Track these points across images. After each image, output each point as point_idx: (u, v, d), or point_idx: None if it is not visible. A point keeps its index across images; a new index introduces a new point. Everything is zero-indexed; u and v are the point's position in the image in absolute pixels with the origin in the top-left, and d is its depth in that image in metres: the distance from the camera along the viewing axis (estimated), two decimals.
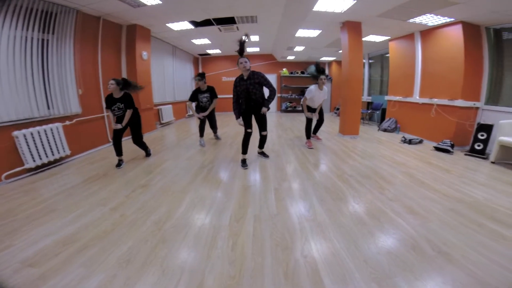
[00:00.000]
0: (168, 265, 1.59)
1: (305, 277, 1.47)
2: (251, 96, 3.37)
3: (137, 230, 2.02)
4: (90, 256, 1.70)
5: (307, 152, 4.21)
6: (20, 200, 2.59)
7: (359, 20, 4.63)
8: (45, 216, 2.25)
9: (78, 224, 2.11)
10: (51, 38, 3.66)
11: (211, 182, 3.00)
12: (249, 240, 1.84)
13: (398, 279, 1.44)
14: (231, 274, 1.50)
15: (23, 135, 3.20)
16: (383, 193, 2.63)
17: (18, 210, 2.38)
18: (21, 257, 1.68)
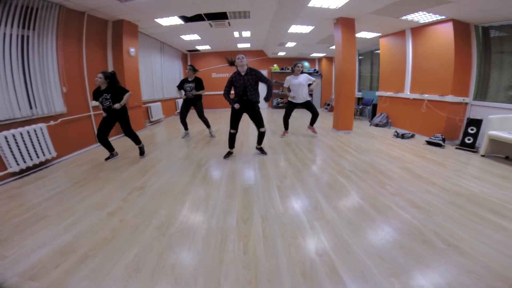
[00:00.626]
0: (179, 273, 1.51)
1: (324, 276, 1.45)
2: (247, 93, 3.31)
3: (140, 236, 1.92)
4: (94, 267, 1.59)
5: (305, 148, 4.21)
6: (6, 207, 2.41)
7: (353, 17, 4.66)
8: (36, 224, 2.09)
9: (74, 232, 1.98)
10: (31, 34, 3.41)
11: (211, 182, 2.93)
12: (260, 242, 1.80)
13: (415, 272, 1.46)
14: (247, 279, 1.44)
15: (4, 137, 2.96)
16: (385, 188, 2.67)
17: (5, 218, 2.20)
18: (19, 270, 1.55)
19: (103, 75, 3.38)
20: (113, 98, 3.46)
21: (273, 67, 10.12)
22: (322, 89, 10.50)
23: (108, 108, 3.49)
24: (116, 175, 3.17)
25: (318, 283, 1.39)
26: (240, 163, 3.53)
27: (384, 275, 1.43)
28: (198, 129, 6.00)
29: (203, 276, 1.47)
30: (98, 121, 4.59)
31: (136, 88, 5.52)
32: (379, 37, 5.78)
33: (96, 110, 4.61)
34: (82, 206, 2.40)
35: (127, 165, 3.55)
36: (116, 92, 3.49)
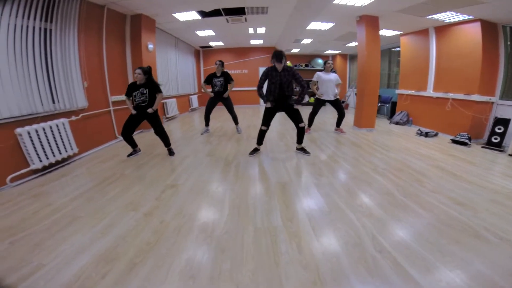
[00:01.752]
0: (239, 279, 1.35)
1: (390, 271, 1.37)
2: (283, 90, 3.08)
3: (186, 239, 1.72)
4: (145, 275, 1.39)
5: (331, 145, 4.01)
6: (33, 207, 2.19)
7: (377, 15, 4.45)
8: (69, 227, 1.88)
9: (112, 236, 1.77)
10: (54, 27, 3.17)
11: (244, 179, 2.72)
12: (313, 240, 1.67)
13: (478, 265, 1.42)
14: (310, 279, 1.32)
15: (27, 132, 2.74)
16: (423, 185, 2.52)
17: (34, 219, 1.99)
18: (62, 281, 1.34)
19: (141, 70, 3.19)
20: (150, 94, 3.27)
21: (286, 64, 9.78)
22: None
23: (140, 104, 3.28)
24: (143, 173, 2.95)
25: (386, 279, 1.32)
26: (268, 160, 3.33)
27: (448, 268, 1.39)
28: (216, 126, 5.76)
29: (263, 280, 1.34)
30: (117, 117, 4.40)
31: None
32: (400, 35, 5.56)
33: (116, 106, 4.38)
34: (114, 206, 2.18)
35: (151, 162, 3.33)
36: (152, 88, 3.29)
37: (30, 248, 1.62)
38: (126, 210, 2.11)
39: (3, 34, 2.59)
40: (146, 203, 2.22)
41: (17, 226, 1.89)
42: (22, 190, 2.55)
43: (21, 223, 1.93)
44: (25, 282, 1.34)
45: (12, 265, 1.47)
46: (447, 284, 1.28)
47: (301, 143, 3.52)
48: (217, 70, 4.59)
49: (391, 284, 1.28)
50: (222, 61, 4.67)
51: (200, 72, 9.73)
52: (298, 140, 3.49)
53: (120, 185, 2.62)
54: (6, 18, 2.61)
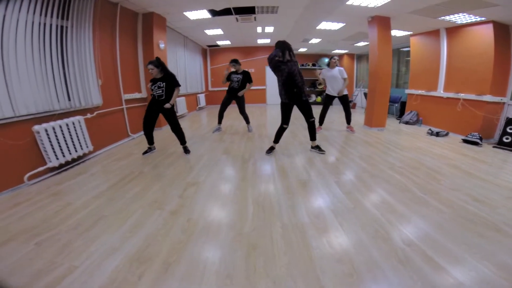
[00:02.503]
0: (275, 275, 1.32)
1: (421, 262, 1.39)
2: (295, 80, 3.00)
3: (216, 237, 1.66)
4: (181, 275, 1.33)
5: (344, 144, 3.93)
6: (54, 206, 2.10)
7: (389, 15, 4.38)
8: (95, 226, 1.80)
9: (141, 235, 1.69)
10: (69, 25, 3.07)
11: (264, 177, 2.65)
12: (342, 235, 1.67)
13: (504, 256, 1.44)
14: (346, 272, 1.33)
15: (44, 130, 2.65)
16: (441, 183, 2.49)
17: (57, 219, 1.90)
18: (98, 284, 1.27)
19: (153, 65, 3.09)
20: (167, 88, 3.19)
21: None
22: None
23: (157, 98, 3.20)
24: (161, 171, 2.87)
25: (418, 269, 1.34)
26: (285, 158, 3.25)
27: (476, 259, 1.41)
28: (227, 124, 5.65)
29: (299, 275, 1.32)
30: (130, 115, 4.31)
31: None
32: (410, 36, 5.49)
33: (129, 104, 4.28)
34: (139, 204, 2.10)
35: (167, 160, 3.25)
36: (170, 82, 3.19)
37: (58, 249, 1.54)
38: (151, 208, 2.04)
39: (21, 30, 2.49)
40: (170, 201, 2.15)
41: (40, 226, 1.81)
42: (40, 189, 2.46)
43: (44, 222, 1.85)
44: (59, 286, 1.26)
45: (42, 268, 1.39)
46: (477, 274, 1.31)
47: (314, 139, 3.45)
48: (236, 68, 4.57)
49: (424, 274, 1.30)
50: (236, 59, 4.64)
51: (207, 71, 9.61)
52: (311, 136, 3.43)
53: (140, 183, 2.54)
54: (24, 15, 2.51)
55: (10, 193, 2.37)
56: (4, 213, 2.00)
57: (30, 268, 1.39)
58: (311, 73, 9.83)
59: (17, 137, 2.47)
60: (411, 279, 1.27)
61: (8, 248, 1.55)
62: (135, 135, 4.46)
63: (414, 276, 1.28)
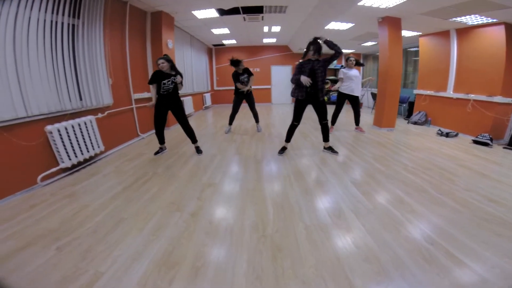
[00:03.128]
0: (303, 275, 1.32)
1: (445, 260, 1.42)
2: (317, 80, 2.94)
3: (240, 240, 1.63)
4: (211, 279, 1.31)
5: (356, 145, 3.88)
6: (71, 208, 2.05)
7: (400, 16, 4.32)
8: (115, 229, 1.75)
9: (165, 238, 1.64)
10: (80, 23, 2.99)
11: (280, 178, 2.60)
12: (365, 236, 1.66)
13: None
14: (374, 270, 1.35)
15: (57, 130, 2.59)
16: (455, 184, 2.48)
17: (76, 222, 1.85)
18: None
19: (164, 59, 3.02)
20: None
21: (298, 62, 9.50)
22: None
23: (165, 93, 3.12)
24: (175, 171, 2.81)
25: (443, 267, 1.37)
26: (298, 159, 3.20)
27: (498, 256, 1.44)
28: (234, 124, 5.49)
29: (328, 275, 1.33)
30: (139, 115, 4.24)
31: None
32: (419, 36, 5.42)
33: (138, 103, 4.22)
34: (157, 206, 2.05)
35: (180, 160, 3.19)
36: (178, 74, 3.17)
37: (81, 255, 1.49)
38: (171, 210, 1.99)
39: (33, 28, 2.42)
40: (189, 203, 2.10)
41: (59, 229, 1.76)
42: (53, 190, 2.41)
43: (62, 226, 1.80)
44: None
45: (67, 274, 1.34)
46: (501, 270, 1.33)
47: (327, 140, 3.39)
48: (238, 69, 4.45)
49: (449, 271, 1.33)
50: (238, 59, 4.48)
51: (213, 70, 9.52)
52: (324, 137, 3.37)
53: (155, 184, 2.48)
54: (36, 13, 2.44)
55: (24, 194, 2.32)
56: (20, 215, 1.95)
57: (55, 275, 1.34)
58: None
59: (30, 138, 2.41)
60: (438, 276, 1.30)
61: (28, 254, 1.50)
62: (145, 134, 4.41)
63: (440, 273, 1.31)
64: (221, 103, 9.70)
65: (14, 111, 2.24)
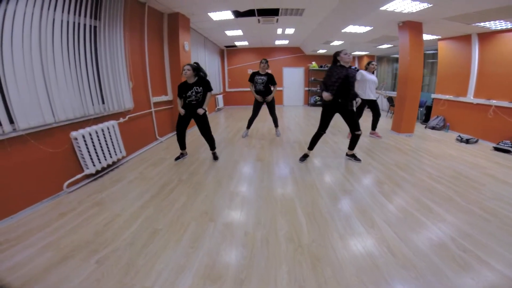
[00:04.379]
0: (346, 283, 1.36)
1: (478, 266, 1.47)
2: (350, 88, 2.86)
3: (278, 250, 1.63)
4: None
5: (377, 151, 3.83)
6: (102, 218, 2.04)
7: (421, 21, 4.27)
8: (152, 241, 1.73)
9: (204, 250, 1.63)
10: (101, 24, 2.97)
11: (307, 187, 2.57)
12: (401, 244, 1.68)
13: None
14: (412, 276, 1.40)
15: (81, 136, 2.58)
16: (481, 192, 2.46)
17: (110, 233, 1.84)
18: None
19: (190, 67, 2.97)
20: (204, 92, 3.09)
21: (311, 64, 9.43)
22: None
23: (191, 102, 3.06)
24: (200, 179, 2.79)
25: (477, 272, 1.42)
26: (321, 166, 3.18)
27: None
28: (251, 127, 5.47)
29: (370, 282, 1.36)
30: (158, 119, 4.24)
31: None
32: (438, 40, 5.35)
33: (157, 107, 4.21)
34: (190, 216, 2.04)
35: (202, 167, 3.17)
36: (205, 86, 3.08)
37: (123, 269, 1.47)
38: (204, 220, 1.97)
39: (57, 30, 2.39)
40: (221, 212, 2.09)
41: (94, 241, 1.74)
42: (80, 197, 2.41)
43: (98, 237, 1.79)
44: None
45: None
46: None
47: (353, 149, 3.34)
48: (261, 69, 4.30)
49: (483, 276, 1.39)
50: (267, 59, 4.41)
51: (225, 71, 9.52)
52: (351, 145, 3.30)
53: (183, 192, 2.46)
54: (59, 14, 2.41)
55: (51, 201, 2.33)
56: (51, 225, 1.95)
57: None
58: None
59: (56, 145, 2.42)
60: (472, 280, 1.36)
61: (69, 267, 1.49)
62: (163, 138, 4.41)
63: (474, 278, 1.38)
64: (233, 104, 9.72)
65: (42, 117, 2.23)
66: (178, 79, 4.60)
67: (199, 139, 4.26)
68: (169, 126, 4.73)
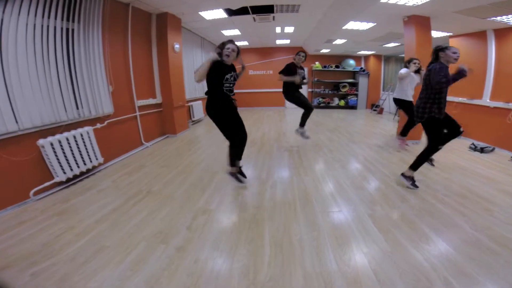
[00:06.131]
0: None
1: None
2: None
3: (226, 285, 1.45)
4: None
5: (376, 162, 3.52)
6: (56, 229, 2.01)
7: (428, 15, 3.95)
8: (94, 258, 1.67)
9: (144, 275, 1.53)
10: (76, 27, 2.96)
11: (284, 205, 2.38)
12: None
13: None
14: None
15: (49, 144, 2.56)
16: (494, 215, 2.18)
17: (57, 245, 1.81)
18: None
19: (236, 46, 2.42)
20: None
21: (314, 64, 9.18)
22: (369, 89, 9.47)
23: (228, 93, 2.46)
24: (172, 191, 2.67)
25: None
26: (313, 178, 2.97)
27: None
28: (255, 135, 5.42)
29: None
30: (144, 123, 4.20)
31: (180, 86, 5.07)
32: (449, 37, 4.95)
33: (143, 110, 4.20)
34: (142, 235, 1.93)
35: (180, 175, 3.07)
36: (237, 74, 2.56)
37: (55, 284, 1.46)
38: (155, 241, 1.86)
39: (21, 34, 2.37)
40: (177, 233, 1.95)
41: (39, 252, 1.74)
42: (46, 205, 2.40)
43: (44, 249, 1.77)
44: None
45: None
46: None
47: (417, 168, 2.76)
48: (298, 62, 4.00)
49: None
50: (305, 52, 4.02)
51: None
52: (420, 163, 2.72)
53: (147, 206, 2.36)
54: (24, 17, 2.39)
55: (16, 209, 2.34)
56: (7, 232, 1.97)
57: None
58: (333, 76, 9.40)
59: (21, 153, 2.41)
60: None
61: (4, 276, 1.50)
62: (149, 143, 4.38)
63: None
64: None
65: (3, 125, 2.23)
66: (167, 81, 4.56)
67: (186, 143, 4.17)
68: (156, 130, 4.71)
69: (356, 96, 9.37)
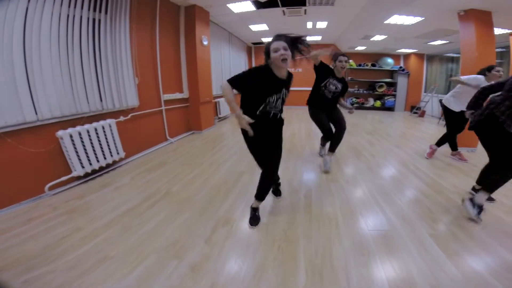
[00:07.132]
0: None
1: None
2: None
3: None
4: None
5: (429, 171, 2.91)
6: (63, 229, 1.76)
7: (489, 9, 3.27)
8: (96, 269, 1.39)
9: None
10: (103, 17, 2.76)
11: (324, 221, 1.93)
12: None
13: None
14: None
15: (69, 136, 2.35)
16: None
17: (59, 250, 1.55)
18: None
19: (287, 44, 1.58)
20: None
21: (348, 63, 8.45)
22: (409, 89, 8.51)
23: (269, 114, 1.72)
24: (192, 193, 2.32)
25: None
26: (360, 193, 2.47)
27: None
28: None
29: None
30: (169, 117, 3.97)
31: (207, 81, 4.77)
32: (510, 35, 4.15)
33: (168, 105, 3.95)
34: (153, 246, 1.59)
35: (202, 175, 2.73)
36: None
37: None
38: (167, 255, 1.52)
39: (45, 24, 2.19)
40: (193, 248, 1.58)
41: (38, 256, 1.49)
42: (59, 202, 2.18)
43: (44, 252, 1.53)
44: None
45: None
46: None
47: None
48: (337, 70, 2.74)
49: None
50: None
51: None
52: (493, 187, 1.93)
53: (164, 210, 2.02)
54: (50, 7, 2.21)
55: (30, 203, 2.14)
56: (13, 230, 1.77)
57: None
58: (369, 74, 8.61)
59: (39, 144, 2.21)
60: None
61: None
62: (174, 139, 4.13)
63: None
64: None
65: (21, 115, 2.04)
66: (195, 75, 4.28)
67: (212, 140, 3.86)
68: (182, 126, 4.45)
69: (394, 97, 8.45)
